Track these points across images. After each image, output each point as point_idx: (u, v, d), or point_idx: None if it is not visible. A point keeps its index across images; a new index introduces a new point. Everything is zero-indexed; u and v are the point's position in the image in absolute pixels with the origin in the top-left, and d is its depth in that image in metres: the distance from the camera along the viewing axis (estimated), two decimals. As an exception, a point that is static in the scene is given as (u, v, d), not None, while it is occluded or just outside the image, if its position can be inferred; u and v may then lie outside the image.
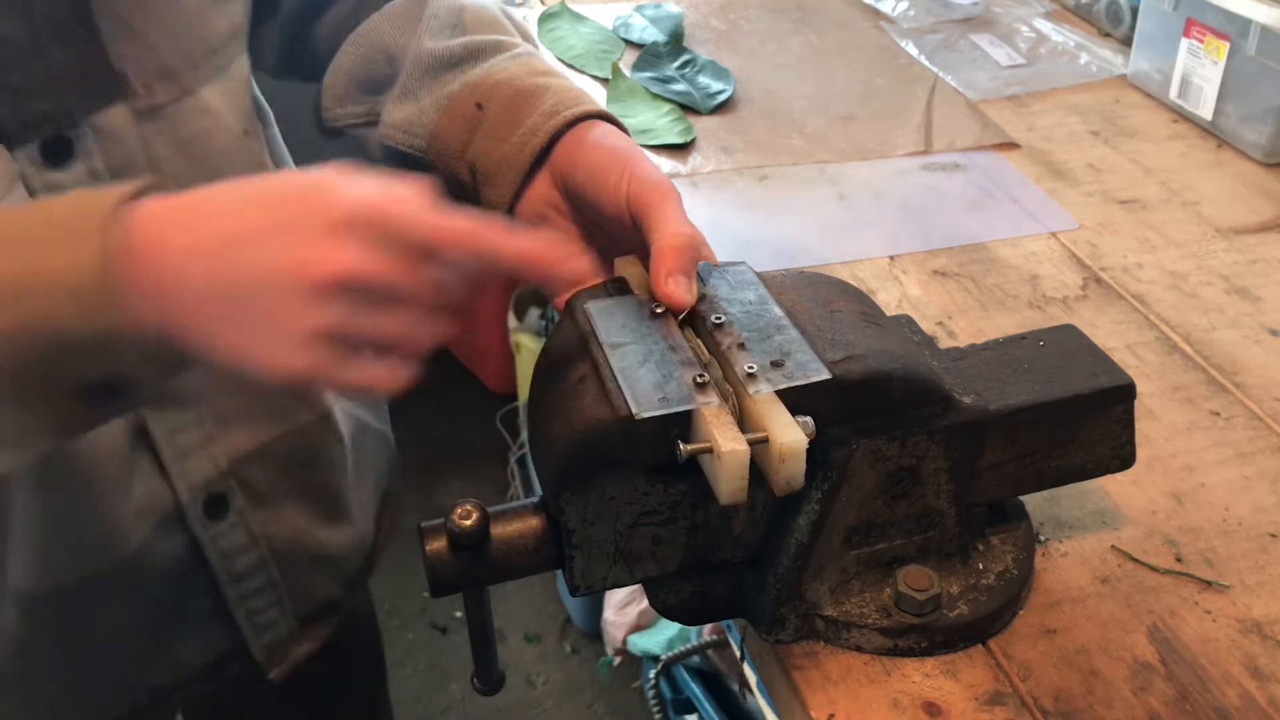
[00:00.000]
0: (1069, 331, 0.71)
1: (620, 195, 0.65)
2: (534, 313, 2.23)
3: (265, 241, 0.51)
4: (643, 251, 0.65)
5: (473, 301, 0.62)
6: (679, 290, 0.61)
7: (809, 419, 0.55)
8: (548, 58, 1.09)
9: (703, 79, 1.25)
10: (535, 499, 0.63)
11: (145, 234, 0.51)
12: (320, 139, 0.84)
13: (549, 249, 0.56)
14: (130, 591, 0.79)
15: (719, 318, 0.61)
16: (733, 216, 1.05)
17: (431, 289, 0.53)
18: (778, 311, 0.62)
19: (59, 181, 0.66)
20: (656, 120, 1.18)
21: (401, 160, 0.78)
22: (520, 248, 0.55)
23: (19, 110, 0.63)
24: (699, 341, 0.61)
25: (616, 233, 0.67)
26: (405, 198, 0.53)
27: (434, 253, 0.53)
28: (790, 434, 0.54)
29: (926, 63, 1.32)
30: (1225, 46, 1.13)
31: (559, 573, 0.63)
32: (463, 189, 0.74)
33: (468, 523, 0.59)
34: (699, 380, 0.57)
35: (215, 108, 0.73)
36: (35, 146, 0.65)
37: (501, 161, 0.71)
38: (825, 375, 0.57)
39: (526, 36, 0.82)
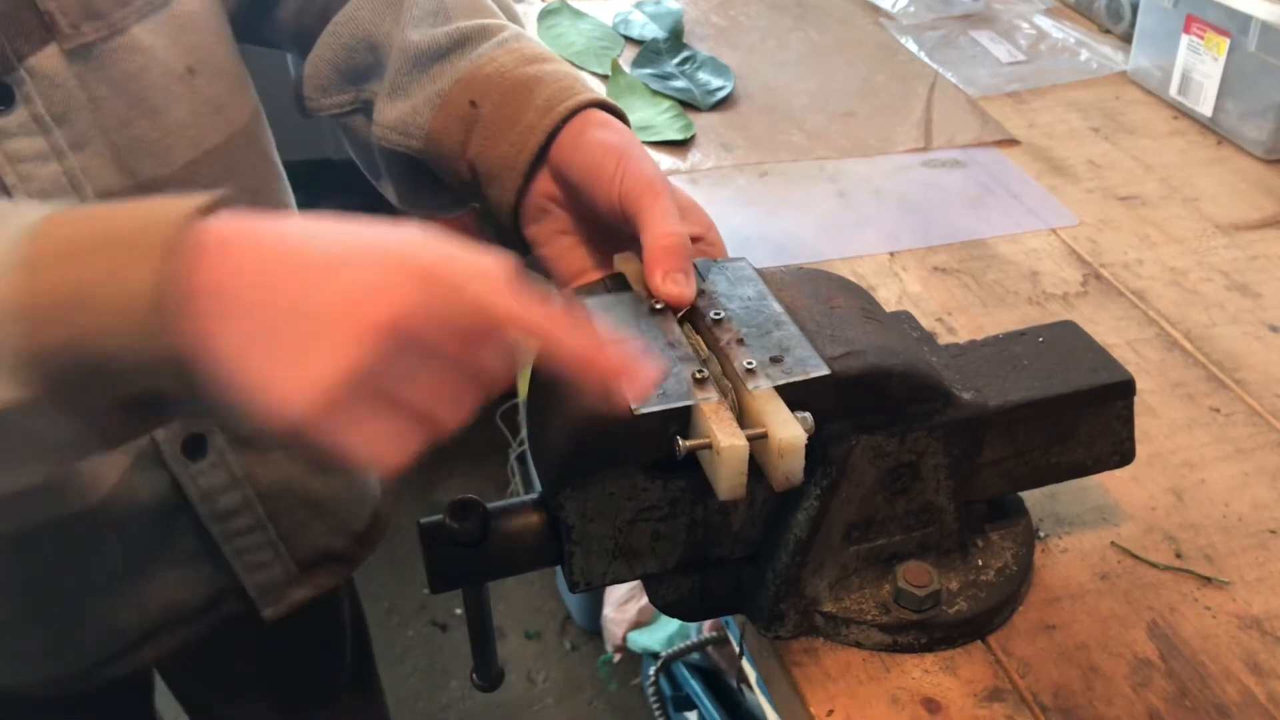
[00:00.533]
0: (1069, 328, 0.71)
1: (614, 193, 0.65)
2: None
3: (327, 271, 0.47)
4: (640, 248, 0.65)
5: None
6: (677, 288, 0.61)
7: (808, 415, 0.55)
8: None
9: (702, 75, 1.25)
10: (535, 495, 0.63)
11: (209, 258, 0.47)
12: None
13: (610, 355, 0.51)
14: (111, 530, 0.79)
15: (718, 313, 0.61)
16: (733, 213, 1.04)
17: (476, 367, 0.50)
18: (777, 307, 0.62)
19: (4, 127, 0.67)
20: (656, 117, 1.17)
21: (399, 161, 0.77)
22: (581, 350, 0.50)
23: None
24: (698, 338, 0.61)
25: (614, 228, 0.67)
26: (485, 270, 0.49)
27: (496, 333, 0.49)
28: (789, 429, 0.54)
29: (926, 59, 1.32)
30: (1225, 43, 1.13)
31: (558, 569, 0.63)
32: (466, 186, 0.74)
33: (467, 519, 0.59)
34: (698, 376, 0.57)
35: (149, 45, 0.72)
36: None
37: (501, 162, 0.70)
38: (824, 371, 0.57)
39: (511, 14, 0.81)
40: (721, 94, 1.22)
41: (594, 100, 0.70)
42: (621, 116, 0.72)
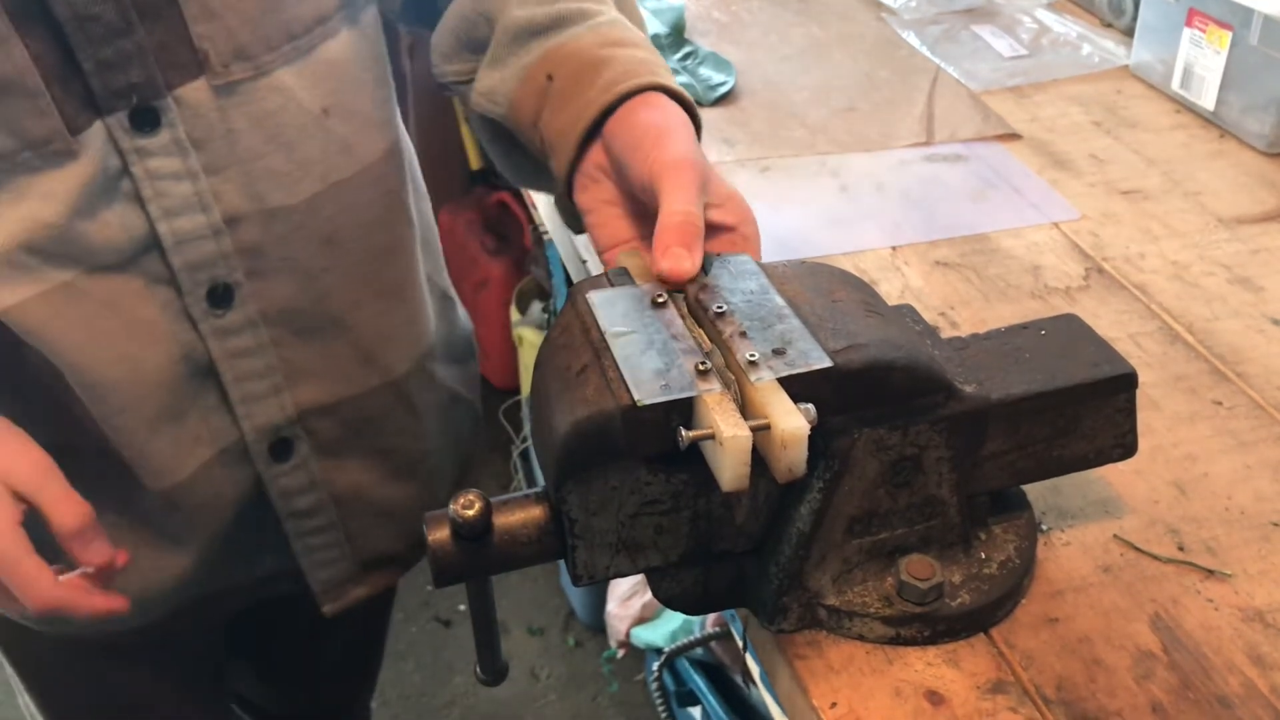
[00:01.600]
0: (1071, 321, 0.71)
1: (645, 170, 0.67)
2: (536, 306, 2.23)
3: None
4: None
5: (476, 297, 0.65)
6: (671, 262, 0.62)
7: (810, 406, 0.55)
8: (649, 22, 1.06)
9: (704, 70, 1.25)
10: (538, 489, 0.63)
11: None
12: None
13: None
14: (187, 515, 0.85)
15: (720, 307, 0.61)
16: (734, 208, 1.04)
17: None
18: (779, 301, 0.62)
19: (147, 147, 0.74)
20: (658, 112, 1.17)
21: (491, 126, 0.81)
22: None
23: (108, 81, 0.71)
24: (701, 331, 0.61)
25: (652, 205, 0.68)
26: None
27: None
28: (792, 420, 0.54)
29: (928, 54, 1.32)
30: (1228, 36, 1.13)
31: (562, 564, 0.63)
32: (540, 155, 0.77)
33: (470, 512, 0.59)
34: (701, 368, 0.57)
35: (290, 87, 0.78)
36: (125, 114, 0.72)
37: (561, 132, 0.73)
38: (827, 363, 0.57)
39: (624, 3, 0.83)
40: (723, 89, 1.22)
41: (657, 84, 0.72)
42: (687, 104, 0.74)
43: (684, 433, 0.55)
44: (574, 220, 0.77)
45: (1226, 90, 1.15)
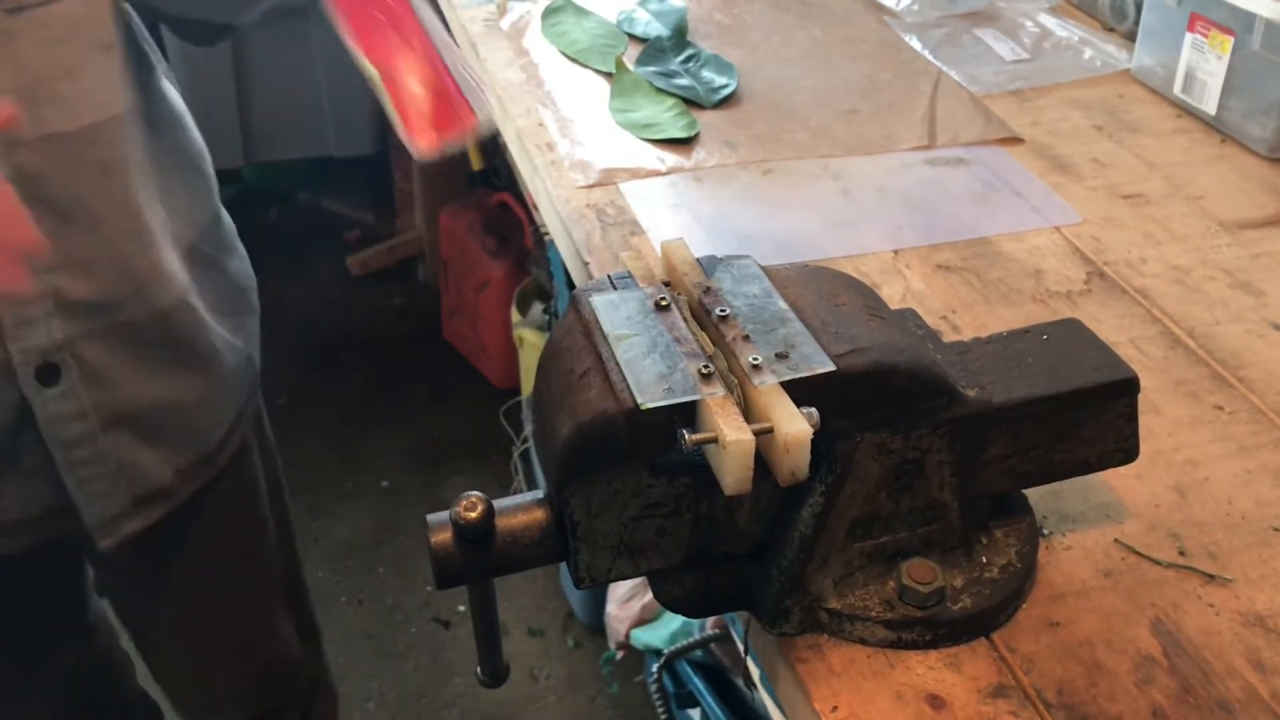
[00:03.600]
0: (1072, 325, 0.71)
1: None
2: (537, 307, 2.23)
3: None
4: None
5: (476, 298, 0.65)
6: None
7: (813, 410, 0.55)
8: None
9: (706, 73, 1.25)
10: (540, 492, 0.63)
11: None
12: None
13: None
14: None
15: (724, 310, 0.61)
16: (736, 211, 1.05)
17: None
18: (782, 305, 0.62)
19: None
20: (660, 114, 1.18)
21: None
22: None
23: None
24: (704, 334, 0.61)
25: None
26: None
27: None
28: (795, 424, 0.54)
29: (930, 57, 1.32)
30: (1230, 41, 1.13)
31: (563, 566, 0.63)
32: None
33: (473, 515, 0.59)
34: (704, 371, 0.57)
35: (77, 17, 0.81)
36: None
37: None
38: (830, 367, 0.58)
39: None
40: (725, 92, 1.22)
41: None
42: None
43: (686, 436, 0.55)
44: None
45: (1228, 95, 1.15)
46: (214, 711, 1.26)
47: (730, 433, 0.53)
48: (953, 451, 0.63)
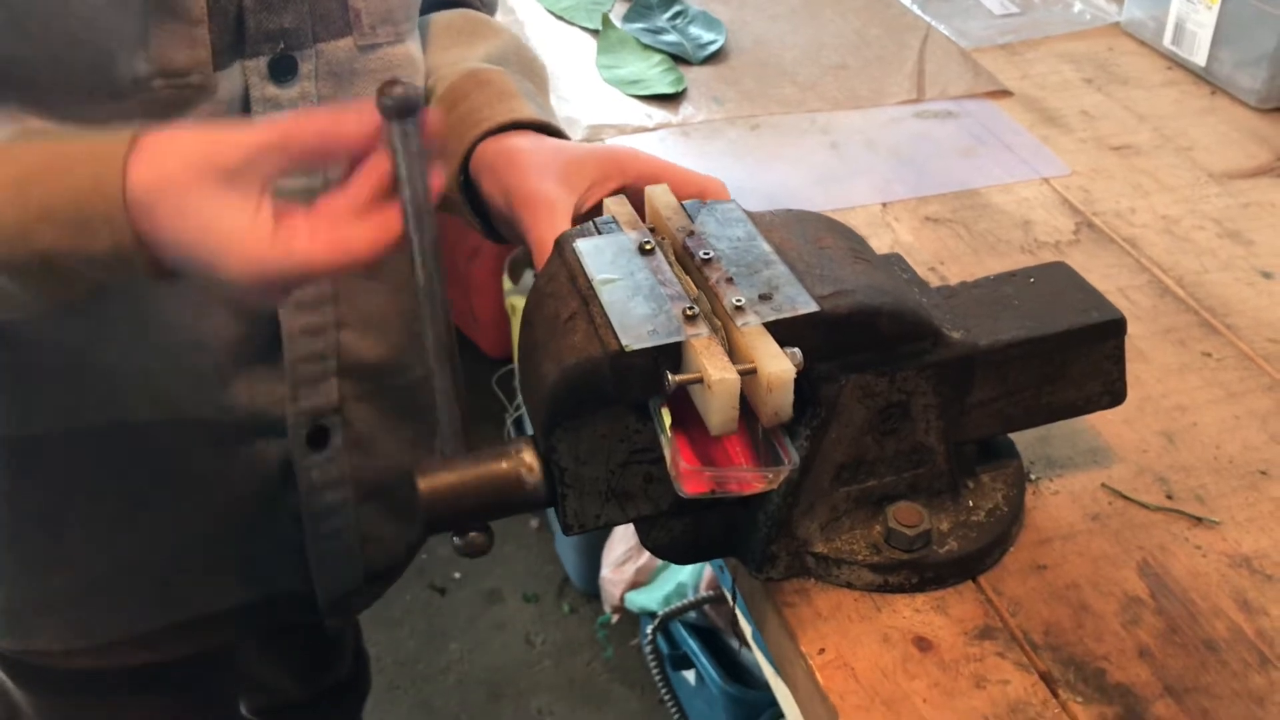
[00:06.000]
0: (1059, 269, 0.71)
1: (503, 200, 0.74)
2: (528, 275, 2.22)
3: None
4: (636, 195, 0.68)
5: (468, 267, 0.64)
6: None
7: (797, 350, 0.55)
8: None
9: (694, 29, 1.24)
10: (528, 437, 0.63)
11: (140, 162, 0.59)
12: None
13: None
14: (219, 495, 0.83)
15: (707, 253, 0.61)
16: (725, 166, 1.04)
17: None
18: (766, 247, 0.62)
19: (278, 97, 0.72)
20: (648, 71, 1.17)
21: None
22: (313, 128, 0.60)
23: (263, 22, 0.70)
24: (688, 277, 0.61)
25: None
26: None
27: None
28: (778, 364, 0.54)
29: (919, 12, 1.31)
30: (1219, -9, 1.12)
31: (556, 532, 0.63)
32: None
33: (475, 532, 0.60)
34: (688, 313, 0.57)
35: (415, 57, 0.80)
36: (266, 60, 0.71)
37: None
38: (813, 308, 0.57)
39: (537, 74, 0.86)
40: (713, 48, 1.21)
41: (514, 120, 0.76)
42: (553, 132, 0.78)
43: (670, 376, 0.55)
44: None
45: (1218, 46, 1.15)
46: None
47: (715, 372, 0.53)
48: (938, 394, 0.63)
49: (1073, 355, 0.66)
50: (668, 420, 0.56)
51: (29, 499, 0.80)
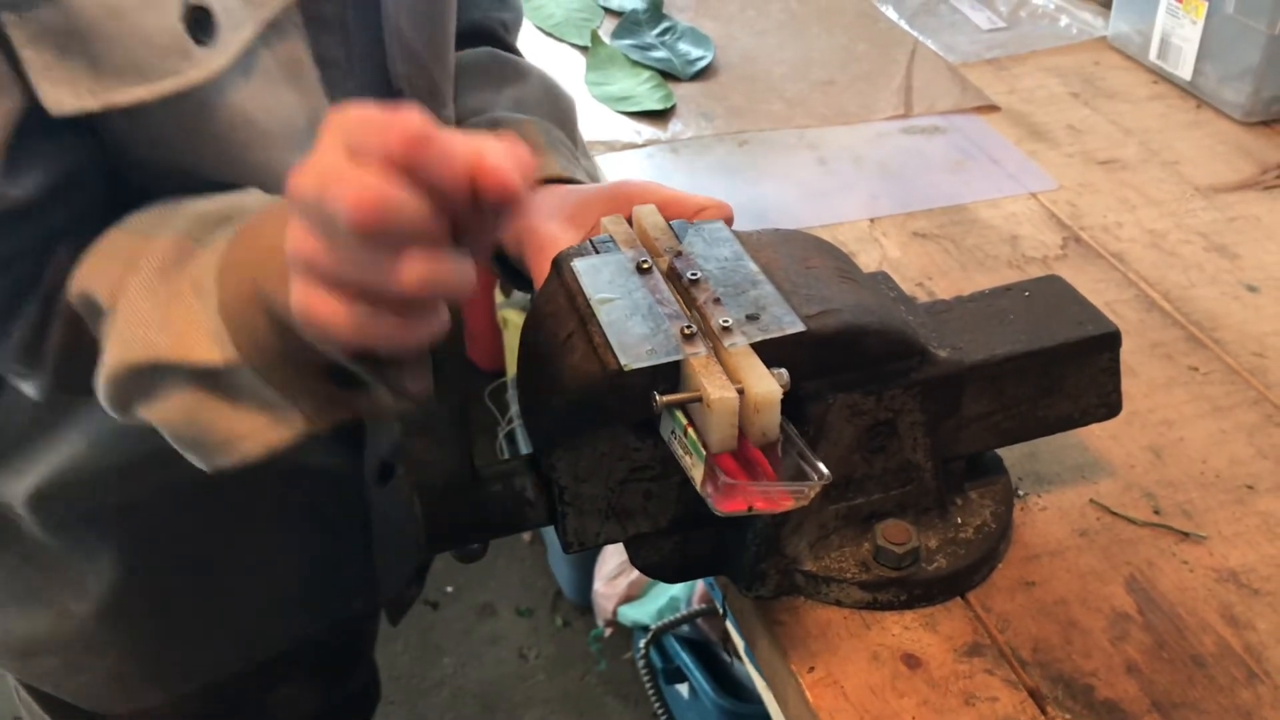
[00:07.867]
0: (1054, 282, 0.71)
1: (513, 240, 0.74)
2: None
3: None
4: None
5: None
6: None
7: (784, 370, 0.55)
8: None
9: (682, 45, 1.24)
10: (528, 455, 0.63)
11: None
12: None
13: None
14: (297, 533, 0.87)
15: (694, 274, 0.61)
16: (713, 182, 1.04)
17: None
18: (753, 267, 0.62)
19: None
20: (636, 87, 1.17)
21: None
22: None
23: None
24: (679, 298, 0.61)
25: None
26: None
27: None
28: (765, 385, 0.54)
29: (907, 27, 1.32)
30: (1204, 6, 1.13)
31: (549, 546, 0.63)
32: None
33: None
34: (687, 332, 0.57)
35: (453, 123, 0.81)
36: None
37: None
38: (800, 328, 0.58)
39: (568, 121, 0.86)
40: (701, 64, 1.21)
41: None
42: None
43: (659, 397, 0.55)
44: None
45: (1203, 60, 1.15)
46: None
47: (715, 390, 0.53)
48: (925, 412, 0.63)
49: (1068, 368, 0.67)
50: (695, 437, 0.55)
51: (137, 569, 0.83)
